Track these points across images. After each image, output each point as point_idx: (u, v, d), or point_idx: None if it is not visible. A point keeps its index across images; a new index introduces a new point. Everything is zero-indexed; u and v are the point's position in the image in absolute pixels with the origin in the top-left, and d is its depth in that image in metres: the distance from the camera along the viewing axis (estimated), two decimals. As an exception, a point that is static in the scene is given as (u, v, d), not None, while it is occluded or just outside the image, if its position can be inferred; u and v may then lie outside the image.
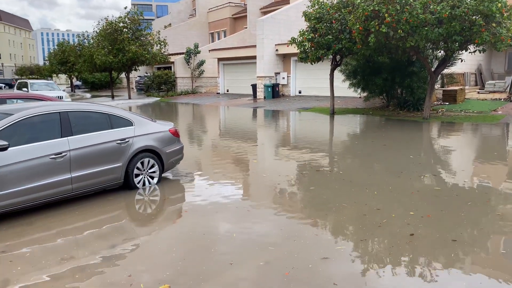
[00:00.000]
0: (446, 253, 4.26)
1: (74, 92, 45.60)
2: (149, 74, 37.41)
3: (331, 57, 17.23)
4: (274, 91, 26.20)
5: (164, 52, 30.37)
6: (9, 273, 3.96)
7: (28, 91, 20.58)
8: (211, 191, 6.76)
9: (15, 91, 23.52)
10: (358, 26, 13.86)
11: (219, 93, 32.41)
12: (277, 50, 26.66)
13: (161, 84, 34.50)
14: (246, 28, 37.49)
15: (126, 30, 28.40)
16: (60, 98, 19.74)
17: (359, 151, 10.03)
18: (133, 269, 4.03)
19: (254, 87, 27.26)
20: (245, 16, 38.48)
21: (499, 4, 12.35)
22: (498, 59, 26.68)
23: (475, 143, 11.20)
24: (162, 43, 29.73)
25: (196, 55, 34.52)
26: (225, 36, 40.74)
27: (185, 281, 3.79)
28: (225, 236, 4.84)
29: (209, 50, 33.11)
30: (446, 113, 16.43)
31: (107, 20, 28.55)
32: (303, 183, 7.29)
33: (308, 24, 16.73)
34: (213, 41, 42.08)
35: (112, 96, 32.65)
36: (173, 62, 34.78)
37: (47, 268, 4.06)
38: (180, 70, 34.64)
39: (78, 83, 54.70)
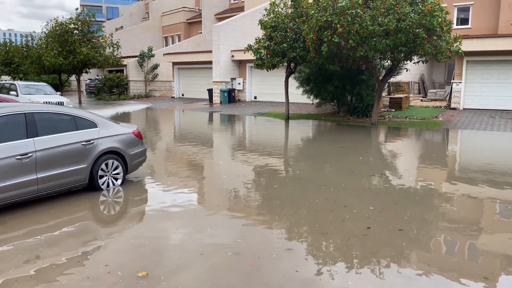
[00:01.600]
0: (403, 240, 4.77)
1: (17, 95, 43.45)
2: (100, 77, 36.54)
3: (286, 64, 17.83)
4: (230, 96, 26.55)
5: (116, 55, 29.86)
6: (-19, 271, 4.00)
7: (17, 95, 17.98)
8: (172, 192, 6.96)
9: None
10: (311, 36, 14.52)
11: (174, 97, 32.29)
12: (233, 56, 27.06)
13: (113, 88, 33.80)
14: (201, 33, 37.65)
15: (77, 32, 27.70)
16: (61, 104, 17.69)
17: (313, 154, 10.58)
18: (109, 261, 4.22)
19: (210, 91, 27.47)
20: (200, 22, 38.63)
21: (440, 19, 13.44)
22: (438, 70, 28.64)
23: (419, 147, 12.11)
24: (114, 46, 29.22)
25: (150, 58, 34.20)
26: (179, 40, 40.64)
27: (161, 270, 4.02)
28: (194, 231, 5.09)
29: (163, 54, 32.93)
30: (393, 119, 17.50)
31: (56, 20, 27.70)
32: (265, 183, 7.66)
33: (264, 32, 17.25)
34: (167, 45, 41.82)
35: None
36: (125, 65, 34.23)
37: (28, 263, 4.13)
38: (133, 74, 34.15)
39: (23, 85, 52.08)
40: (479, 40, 18.69)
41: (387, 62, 16.71)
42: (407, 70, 16.98)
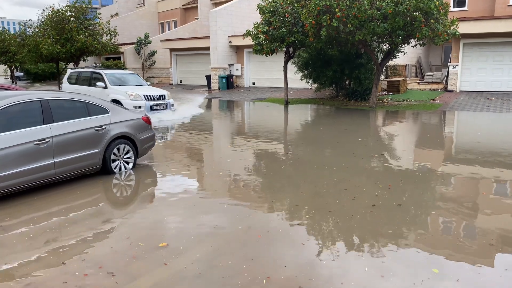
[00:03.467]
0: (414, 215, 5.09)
1: (16, 83, 43.39)
2: (98, 64, 36.48)
3: (285, 49, 17.98)
4: (229, 82, 26.68)
5: (114, 42, 29.82)
6: (23, 243, 4.29)
7: (106, 87, 14.25)
8: (180, 175, 7.25)
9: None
10: (310, 20, 14.67)
11: (172, 84, 32.36)
12: (230, 41, 27.11)
13: (111, 75, 33.81)
14: (198, 19, 37.49)
15: (74, 19, 27.61)
16: (162, 97, 14.56)
17: (314, 137, 10.86)
18: (130, 235, 4.53)
19: (208, 78, 27.58)
20: (196, 7, 38.42)
21: (437, 2, 13.61)
22: (435, 52, 28.80)
23: (416, 129, 12.41)
24: (112, 33, 29.16)
25: (147, 45, 34.16)
26: (175, 26, 40.46)
27: (180, 243, 4.33)
28: (208, 206, 5.39)
29: (161, 41, 32.89)
30: (391, 102, 17.76)
31: (53, 8, 27.59)
32: (275, 165, 7.95)
33: (263, 17, 17.35)
34: (163, 31, 41.65)
35: (60, 89, 31.60)
36: (122, 53, 34.20)
37: (56, 241, 4.42)
38: (131, 61, 34.14)
39: (19, 74, 51.95)
40: (476, 22, 18.85)
41: (385, 45, 16.90)
42: (404, 54, 17.18)
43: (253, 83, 27.47)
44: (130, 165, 7.31)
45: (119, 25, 38.85)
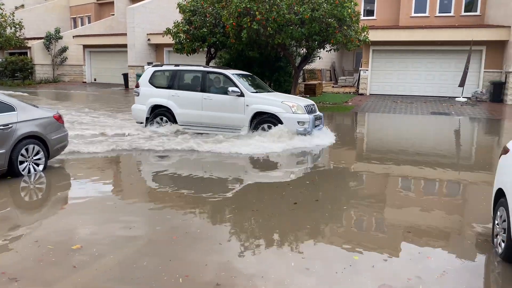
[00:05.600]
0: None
1: None
2: (0, 59, 33.33)
3: (206, 49, 17.91)
4: (147, 82, 25.85)
5: (19, 36, 27.51)
6: None
7: (241, 94, 9.71)
8: (91, 177, 6.91)
9: None
10: (231, 22, 14.78)
11: (85, 82, 30.63)
12: (149, 39, 26.38)
13: (16, 72, 31.08)
14: (114, 15, 35.92)
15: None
16: (313, 109, 10.09)
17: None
18: (40, 239, 4.24)
19: (125, 76, 26.54)
20: (112, 3, 36.72)
21: (349, 10, 14.49)
22: (348, 58, 30.60)
23: (333, 129, 13.07)
24: (17, 26, 26.89)
25: (57, 40, 31.94)
26: (89, 22, 38.36)
27: (95, 245, 4.13)
28: (126, 209, 5.20)
29: (73, 36, 30.97)
30: (308, 104, 18.50)
31: None
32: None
33: (183, 16, 17.13)
34: (75, 26, 39.25)
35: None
36: (29, 48, 31.62)
37: None
38: (39, 57, 31.67)
39: None
40: (383, 31, 20.39)
41: (302, 50, 17.57)
42: (320, 58, 18.01)
43: (174, 83, 26.95)
44: (41, 167, 6.79)
45: (26, 17, 35.83)
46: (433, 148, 9.72)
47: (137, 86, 11.00)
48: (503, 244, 3.93)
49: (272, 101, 9.77)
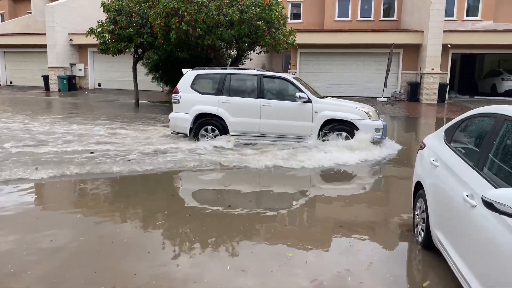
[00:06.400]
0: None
1: None
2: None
3: (133, 50, 17.37)
4: (71, 84, 24.55)
5: None
6: None
7: (308, 100, 8.88)
8: (17, 184, 6.42)
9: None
10: (159, 22, 14.44)
11: (0, 85, 28.30)
12: (71, 39, 25.02)
13: None
14: (31, 13, 33.58)
15: None
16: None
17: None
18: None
19: (46, 78, 24.92)
20: (29, 0, 34.38)
21: (277, 13, 14.79)
22: (277, 60, 31.23)
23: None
24: None
25: (-35, 39, 29.18)
26: (3, 20, 35.53)
27: (12, 261, 3.81)
28: (50, 219, 4.87)
29: (-16, 35, 28.48)
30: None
31: None
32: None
33: (108, 15, 16.46)
34: (-13, 24, 36.15)
35: None
36: None
37: None
38: None
39: None
40: (309, 34, 21.12)
41: (233, 51, 17.65)
42: (251, 60, 18.24)
43: (99, 85, 25.86)
44: None
45: None
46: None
47: (176, 92, 9.48)
48: (422, 233, 4.22)
49: (345, 107, 9.08)
